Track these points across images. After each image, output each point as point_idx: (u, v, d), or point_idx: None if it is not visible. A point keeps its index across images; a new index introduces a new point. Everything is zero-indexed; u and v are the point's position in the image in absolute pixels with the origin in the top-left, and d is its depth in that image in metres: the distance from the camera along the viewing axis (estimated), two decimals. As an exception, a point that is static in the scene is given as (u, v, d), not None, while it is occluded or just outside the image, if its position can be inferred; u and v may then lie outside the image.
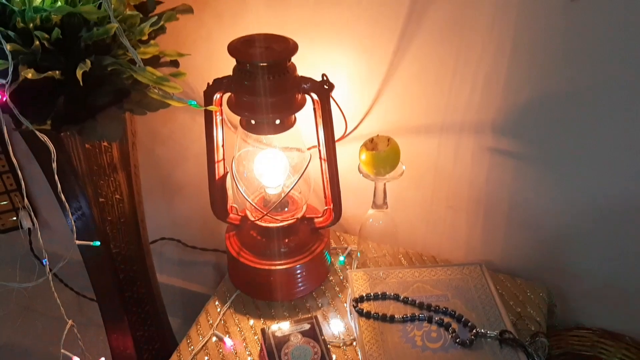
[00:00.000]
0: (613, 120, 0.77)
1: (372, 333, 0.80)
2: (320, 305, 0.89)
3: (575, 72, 0.75)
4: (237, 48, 0.74)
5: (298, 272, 0.88)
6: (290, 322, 0.81)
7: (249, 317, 0.88)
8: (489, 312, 0.82)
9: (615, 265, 0.89)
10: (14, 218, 1.41)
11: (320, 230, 0.92)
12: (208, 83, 0.78)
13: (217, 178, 0.87)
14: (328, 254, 0.94)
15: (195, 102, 0.70)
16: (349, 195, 0.93)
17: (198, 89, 0.97)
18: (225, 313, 0.89)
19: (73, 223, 0.74)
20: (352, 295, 0.86)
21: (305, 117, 0.81)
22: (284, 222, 0.87)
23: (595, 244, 0.88)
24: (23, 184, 0.69)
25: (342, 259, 0.97)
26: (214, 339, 0.85)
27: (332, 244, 1.00)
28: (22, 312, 1.49)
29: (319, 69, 0.80)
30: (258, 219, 0.87)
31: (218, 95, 0.79)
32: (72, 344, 0.77)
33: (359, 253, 0.95)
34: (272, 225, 0.87)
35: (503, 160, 0.86)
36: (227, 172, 0.87)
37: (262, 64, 0.72)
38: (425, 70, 0.82)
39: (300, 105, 0.78)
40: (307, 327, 0.80)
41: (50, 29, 0.60)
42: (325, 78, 0.77)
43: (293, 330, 0.79)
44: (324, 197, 0.88)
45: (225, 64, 0.76)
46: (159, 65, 0.77)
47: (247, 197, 0.86)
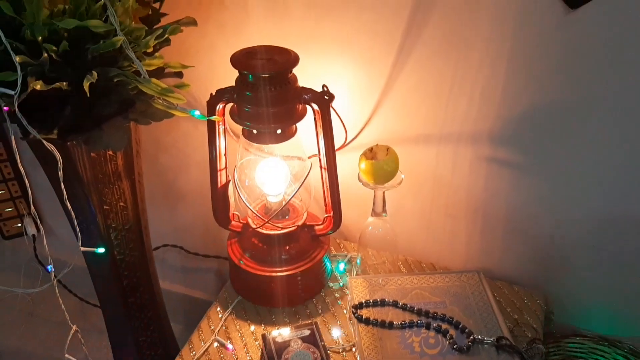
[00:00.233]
0: (608, 131, 0.77)
1: (371, 339, 0.81)
2: (320, 312, 0.90)
3: (571, 83, 0.76)
4: (239, 59, 0.75)
5: (299, 278, 0.89)
6: (291, 327, 0.81)
7: (250, 322, 0.89)
8: (486, 318, 0.82)
9: (611, 273, 0.90)
10: (19, 225, 1.41)
11: (321, 238, 0.93)
12: (211, 93, 0.79)
13: (219, 186, 0.87)
14: (328, 261, 0.94)
15: (199, 112, 0.71)
16: (349, 203, 0.94)
17: (201, 99, 0.98)
18: (227, 319, 0.90)
19: (78, 230, 0.75)
20: (351, 302, 0.87)
21: (306, 126, 0.82)
22: (285, 229, 0.88)
23: (592, 252, 0.89)
24: (30, 192, 0.71)
25: (342, 266, 0.98)
26: (216, 345, 0.86)
27: (332, 251, 1.00)
28: (26, 317, 1.50)
29: (320, 80, 0.81)
30: (259, 227, 0.88)
31: (221, 106, 0.80)
32: (75, 350, 0.78)
33: (359, 260, 0.96)
34: (273, 233, 0.88)
35: (500, 170, 0.87)
36: (229, 180, 0.88)
37: (264, 75, 0.73)
38: (424, 82, 0.84)
39: (301, 116, 0.79)
40: (307, 332, 0.80)
41: (58, 42, 0.61)
42: (326, 89, 0.78)
43: (293, 336, 0.79)
44: (324, 205, 0.89)
45: (228, 75, 0.77)
46: (164, 77, 0.78)
47: (248, 205, 0.87)
